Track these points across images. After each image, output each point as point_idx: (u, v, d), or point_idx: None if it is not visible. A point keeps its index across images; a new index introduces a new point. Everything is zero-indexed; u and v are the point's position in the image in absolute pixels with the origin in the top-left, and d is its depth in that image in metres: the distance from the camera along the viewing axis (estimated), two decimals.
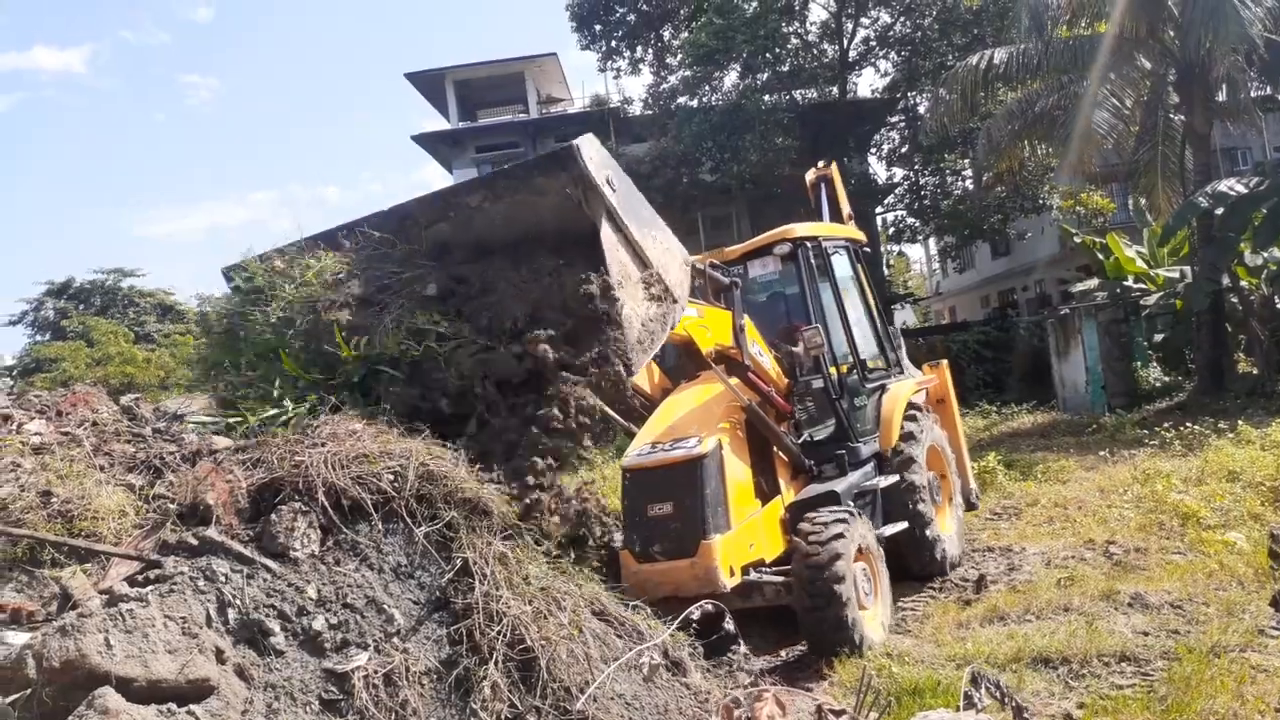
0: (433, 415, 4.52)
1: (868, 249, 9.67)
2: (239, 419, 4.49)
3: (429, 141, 35.67)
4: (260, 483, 3.87)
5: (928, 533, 7.77)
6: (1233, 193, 16.27)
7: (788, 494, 7.18)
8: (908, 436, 8.06)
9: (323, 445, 3.98)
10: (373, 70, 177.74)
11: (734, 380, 6.82)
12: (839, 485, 7.09)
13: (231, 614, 3.36)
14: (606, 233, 4.31)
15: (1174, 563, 7.37)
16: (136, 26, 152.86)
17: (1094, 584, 6.93)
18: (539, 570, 4.06)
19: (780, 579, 6.44)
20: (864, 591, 6.41)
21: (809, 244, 8.05)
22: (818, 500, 6.87)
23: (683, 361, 7.72)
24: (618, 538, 6.34)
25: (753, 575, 6.43)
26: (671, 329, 5.02)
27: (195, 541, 3.54)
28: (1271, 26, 15.52)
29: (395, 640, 3.48)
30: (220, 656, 3.21)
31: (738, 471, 6.61)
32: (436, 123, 37.04)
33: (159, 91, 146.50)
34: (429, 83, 35.32)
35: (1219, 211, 16.75)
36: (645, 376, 7.14)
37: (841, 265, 8.62)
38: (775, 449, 7.27)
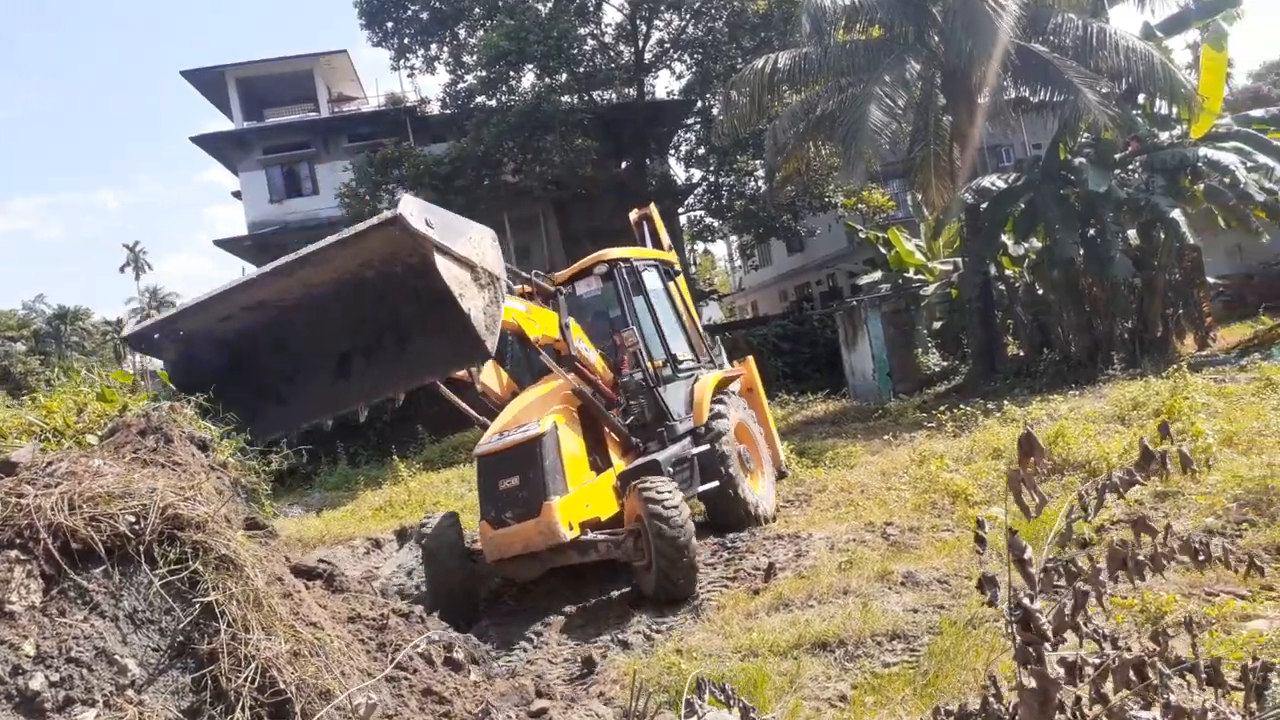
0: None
1: (679, 270, 11.27)
2: None
3: (211, 143, 33.73)
4: None
5: (738, 491, 9.28)
6: (994, 188, 17.55)
7: (619, 466, 8.64)
8: (716, 414, 9.55)
9: (57, 485, 3.65)
10: (150, 66, 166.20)
11: (570, 375, 8.18)
12: (660, 456, 8.61)
13: None
14: (440, 262, 5.03)
15: (943, 540, 7.83)
16: None
17: (871, 566, 7.27)
18: (307, 607, 3.86)
19: (611, 536, 7.69)
20: None
21: (622, 264, 9.66)
22: (642, 469, 8.26)
23: (522, 368, 9.38)
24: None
25: (589, 535, 7.69)
26: (504, 300, 5.83)
27: None
28: (1022, 34, 16.81)
29: (129, 693, 3.20)
30: None
31: (572, 447, 7.98)
32: (222, 123, 35.17)
33: None
34: (209, 81, 33.36)
35: (984, 206, 18.03)
36: (495, 380, 8.82)
37: (652, 280, 10.17)
38: (606, 429, 8.72)
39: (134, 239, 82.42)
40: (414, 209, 4.97)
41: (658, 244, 11.77)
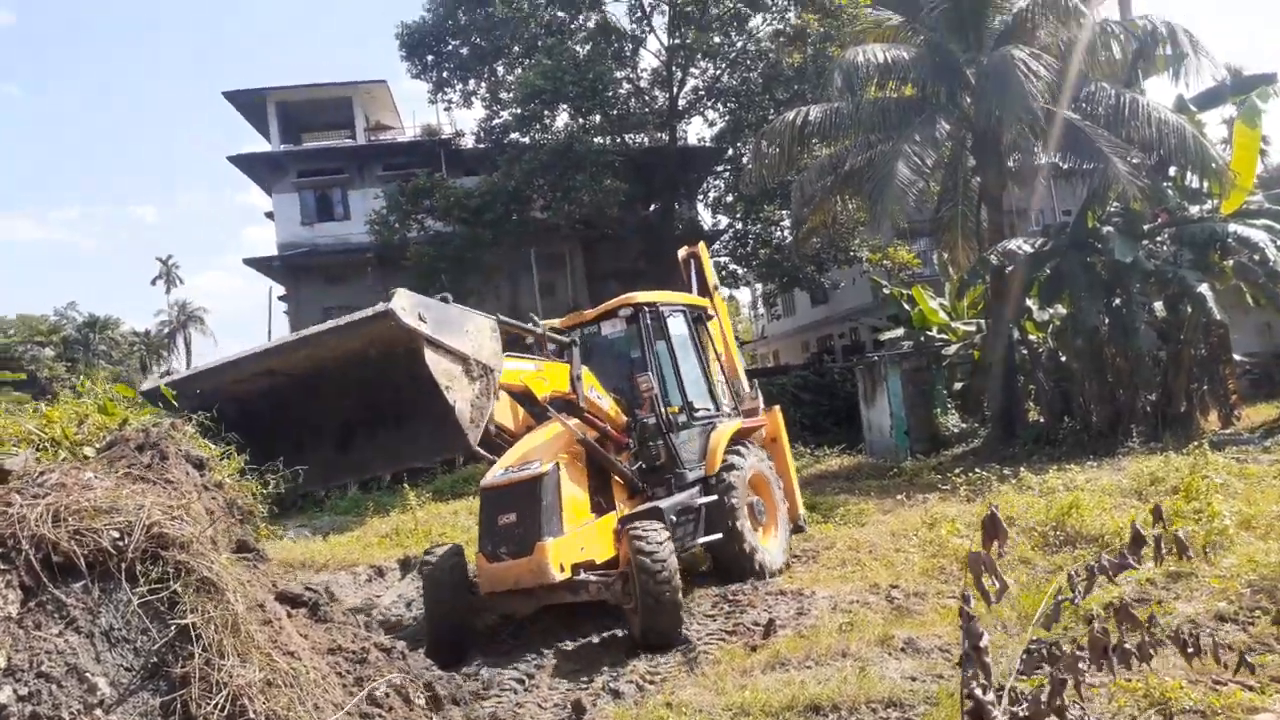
0: None
1: (712, 315, 11.24)
2: None
3: (247, 163, 34.21)
4: None
5: (744, 544, 9.22)
6: (1021, 252, 17.44)
7: (622, 510, 8.67)
8: (729, 465, 9.52)
9: (44, 496, 3.63)
10: (194, 86, 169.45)
11: (572, 421, 8.31)
12: (663, 503, 8.58)
13: None
14: (429, 355, 5.38)
15: (948, 607, 7.66)
16: None
17: (873, 629, 7.11)
18: (286, 635, 3.79)
19: (602, 578, 7.85)
20: None
21: (647, 309, 9.70)
22: (643, 515, 8.18)
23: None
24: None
25: (582, 575, 7.78)
26: (495, 390, 6.16)
27: None
28: (1053, 101, 16.82)
29: (97, 712, 3.15)
30: None
31: (573, 489, 8.09)
32: (260, 144, 35.66)
33: None
34: (249, 103, 33.89)
35: (1010, 269, 17.94)
36: (510, 417, 8.60)
37: (677, 326, 10.16)
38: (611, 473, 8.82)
39: (169, 254, 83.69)
40: (406, 303, 5.34)
41: (703, 283, 11.84)
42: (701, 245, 12.42)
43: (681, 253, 12.35)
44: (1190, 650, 2.37)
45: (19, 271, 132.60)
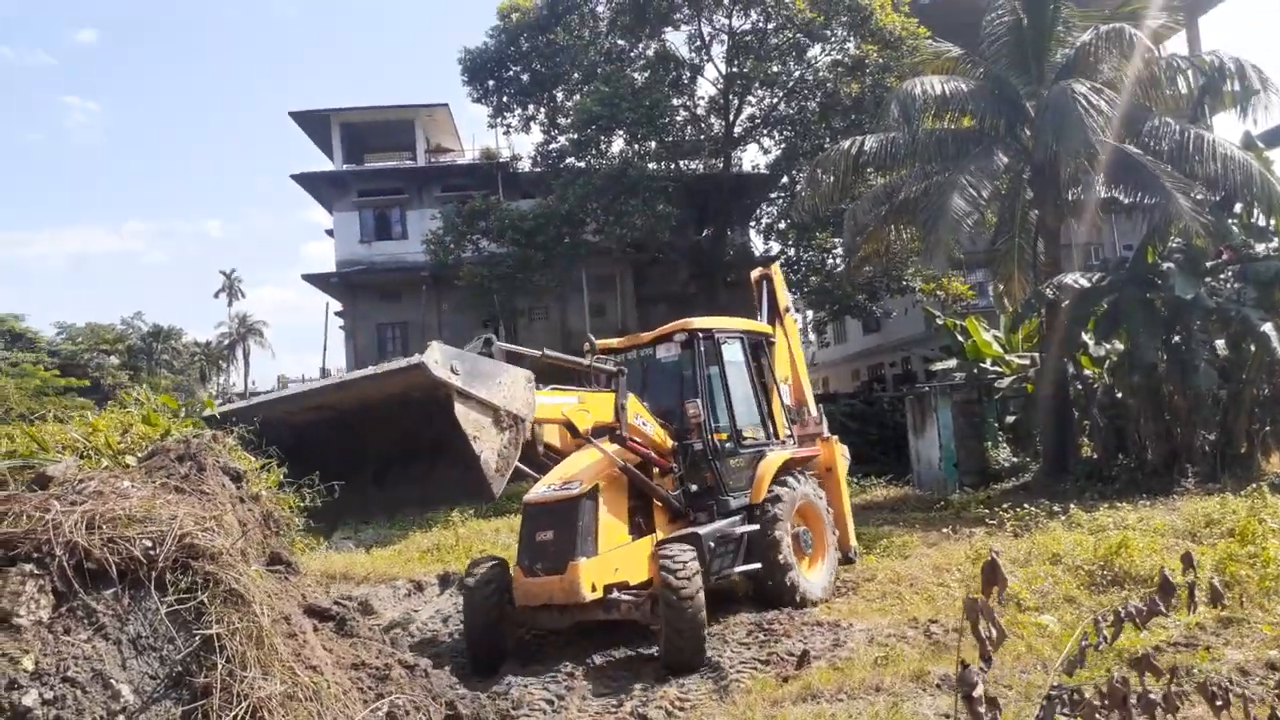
0: None
1: (773, 341, 11.24)
2: None
3: (310, 182, 34.95)
4: None
5: (783, 574, 9.22)
6: (1077, 286, 17.15)
7: (662, 533, 8.77)
8: (775, 495, 9.52)
9: (81, 503, 3.71)
10: (261, 105, 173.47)
11: (613, 448, 8.37)
12: (703, 529, 8.65)
13: None
14: (458, 406, 5.62)
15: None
16: (15, 44, 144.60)
17: (909, 664, 6.99)
18: (309, 649, 3.83)
19: (633, 598, 7.99)
20: None
21: (702, 334, 9.74)
22: (680, 540, 8.25)
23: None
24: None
25: (614, 594, 7.95)
26: (524, 439, 6.36)
27: None
28: (1115, 136, 16.53)
29: (120, 719, 3.21)
30: None
31: (612, 511, 8.30)
32: (323, 163, 36.44)
33: (35, 111, 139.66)
34: (315, 123, 34.72)
35: (1066, 303, 17.62)
36: (559, 437, 8.75)
37: (732, 352, 10.16)
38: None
39: (233, 267, 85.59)
40: (439, 355, 5.64)
41: (774, 305, 11.89)
42: (775, 267, 12.47)
43: (755, 273, 12.37)
44: (1219, 703, 2.29)
45: (91, 281, 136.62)
